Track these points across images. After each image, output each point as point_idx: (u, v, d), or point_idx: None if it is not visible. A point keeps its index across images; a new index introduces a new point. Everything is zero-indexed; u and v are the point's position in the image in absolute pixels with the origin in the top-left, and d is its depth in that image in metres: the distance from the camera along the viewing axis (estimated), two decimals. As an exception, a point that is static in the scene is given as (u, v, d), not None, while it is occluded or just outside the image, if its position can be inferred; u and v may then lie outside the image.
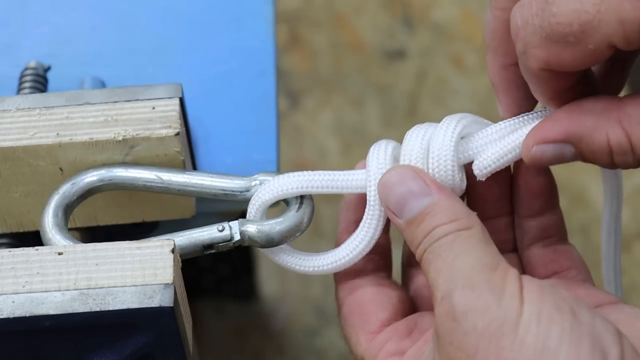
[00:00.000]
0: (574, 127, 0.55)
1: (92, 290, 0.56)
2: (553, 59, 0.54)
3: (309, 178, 0.62)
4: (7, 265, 0.58)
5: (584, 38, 0.52)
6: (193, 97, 0.71)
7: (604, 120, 0.55)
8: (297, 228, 0.62)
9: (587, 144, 0.55)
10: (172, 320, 0.56)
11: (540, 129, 0.57)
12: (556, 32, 0.52)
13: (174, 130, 0.63)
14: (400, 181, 0.59)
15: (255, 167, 0.69)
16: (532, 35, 0.54)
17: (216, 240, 0.61)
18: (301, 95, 1.44)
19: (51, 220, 0.61)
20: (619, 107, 0.55)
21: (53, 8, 0.78)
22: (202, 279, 1.25)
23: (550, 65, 0.54)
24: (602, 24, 0.51)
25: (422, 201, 0.58)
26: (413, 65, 1.46)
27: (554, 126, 0.56)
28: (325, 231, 1.30)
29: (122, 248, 0.58)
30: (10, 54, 0.76)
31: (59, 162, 0.63)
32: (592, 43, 0.52)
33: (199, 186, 0.63)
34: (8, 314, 0.56)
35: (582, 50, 0.52)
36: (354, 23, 1.50)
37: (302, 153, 1.38)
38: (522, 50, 0.55)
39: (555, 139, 0.56)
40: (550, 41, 0.53)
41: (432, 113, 1.40)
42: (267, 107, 0.74)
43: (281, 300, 1.30)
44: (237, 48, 0.76)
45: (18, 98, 0.64)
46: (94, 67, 0.75)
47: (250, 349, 1.27)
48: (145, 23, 0.78)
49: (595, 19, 0.51)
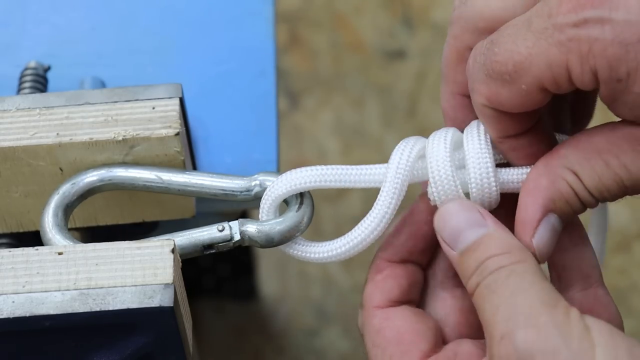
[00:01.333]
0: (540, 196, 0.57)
1: (92, 290, 0.56)
2: (493, 96, 0.56)
3: (322, 172, 0.61)
4: (7, 265, 0.58)
5: (517, 78, 0.54)
6: (193, 97, 0.71)
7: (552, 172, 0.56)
8: (297, 228, 0.62)
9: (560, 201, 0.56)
10: (172, 320, 0.56)
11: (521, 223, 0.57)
12: (495, 69, 0.55)
13: (174, 130, 0.63)
14: (457, 212, 0.58)
15: (255, 167, 0.69)
16: (478, 72, 0.56)
17: (216, 240, 0.61)
18: (301, 95, 1.44)
19: (51, 220, 0.61)
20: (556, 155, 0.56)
21: (53, 8, 0.78)
22: (202, 279, 1.25)
23: (491, 103, 0.56)
24: (533, 65, 0.54)
25: (477, 232, 0.57)
26: (413, 65, 1.46)
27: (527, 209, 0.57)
28: (326, 231, 1.30)
29: (122, 248, 0.58)
30: (10, 54, 0.76)
31: (59, 162, 0.63)
32: (524, 83, 0.54)
33: (199, 186, 0.63)
34: (8, 314, 0.56)
35: (517, 90, 0.55)
36: (354, 23, 1.50)
37: (302, 153, 1.38)
38: (471, 86, 0.57)
39: (538, 217, 0.57)
40: (490, 78, 0.56)
41: (432, 113, 1.40)
42: (267, 107, 0.74)
43: (281, 300, 1.30)
44: (237, 48, 0.76)
45: (18, 98, 0.64)
46: (94, 67, 0.75)
47: (250, 349, 1.27)
48: (145, 23, 0.78)
49: (527, 61, 0.54)
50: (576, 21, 0.52)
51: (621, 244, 1.31)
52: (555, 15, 0.53)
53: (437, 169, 0.59)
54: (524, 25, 0.54)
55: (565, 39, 0.52)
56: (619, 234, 1.32)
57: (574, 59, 0.52)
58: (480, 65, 0.56)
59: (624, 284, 1.27)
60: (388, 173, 0.61)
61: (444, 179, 0.59)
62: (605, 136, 0.56)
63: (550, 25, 0.53)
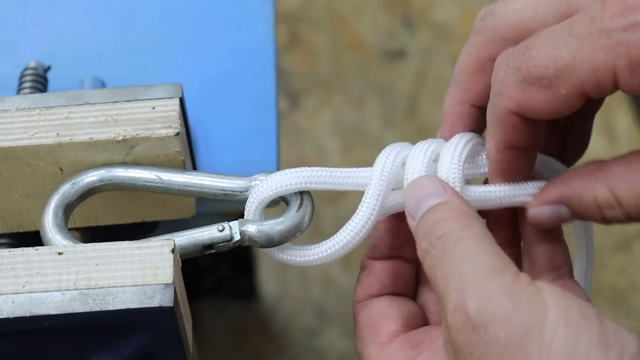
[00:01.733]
0: (565, 190, 0.59)
1: (92, 290, 0.56)
2: (526, 101, 0.56)
3: (307, 174, 0.62)
4: (7, 265, 0.58)
5: (558, 82, 0.55)
6: (193, 97, 0.71)
7: (591, 181, 0.58)
8: (297, 228, 0.62)
9: (578, 203, 0.58)
10: (172, 320, 0.56)
11: (539, 193, 0.60)
12: (532, 74, 0.55)
13: (174, 130, 0.63)
14: (421, 185, 0.60)
15: (255, 167, 0.69)
16: (511, 77, 0.56)
17: (216, 240, 0.61)
18: (301, 95, 1.44)
19: (51, 220, 0.61)
20: (603, 168, 0.58)
21: (53, 8, 0.78)
22: (202, 279, 1.25)
23: (522, 108, 0.57)
24: (576, 70, 0.54)
25: (434, 200, 0.58)
26: (413, 65, 1.46)
27: (549, 190, 0.59)
28: (325, 231, 1.30)
29: (122, 248, 0.58)
30: (10, 54, 0.76)
31: (59, 162, 0.63)
32: (564, 88, 0.54)
33: (199, 186, 0.63)
34: (8, 314, 0.56)
35: (555, 95, 0.55)
36: (354, 23, 1.50)
37: (302, 153, 1.38)
38: (498, 90, 0.57)
39: (550, 200, 0.59)
40: (525, 83, 0.56)
41: (432, 113, 1.40)
42: (267, 107, 0.74)
43: (281, 300, 1.30)
44: (237, 48, 0.76)
45: (18, 98, 0.64)
46: (94, 67, 0.75)
47: (250, 349, 1.27)
48: (145, 23, 0.78)
49: (570, 65, 0.54)
50: (626, 25, 0.52)
51: (621, 244, 1.31)
52: (600, 20, 0.53)
53: (412, 177, 0.61)
54: (564, 30, 0.55)
55: (613, 43, 0.53)
56: (619, 234, 1.32)
57: (623, 63, 0.53)
58: (514, 70, 0.56)
59: (624, 284, 1.27)
60: (372, 176, 0.62)
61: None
62: None
63: (595, 29, 0.53)
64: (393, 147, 0.63)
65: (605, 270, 1.28)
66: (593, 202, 0.57)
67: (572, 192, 0.58)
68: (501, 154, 0.59)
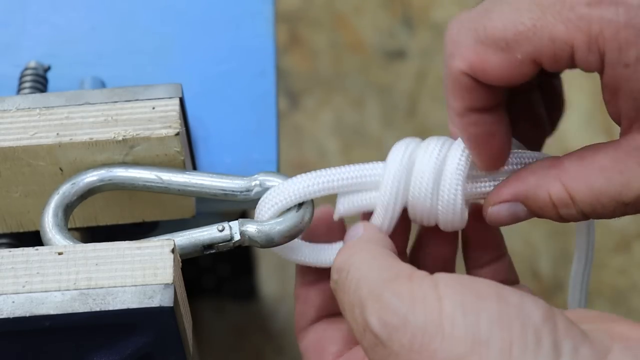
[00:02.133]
0: (520, 187, 0.59)
1: (92, 290, 0.56)
2: (479, 62, 0.56)
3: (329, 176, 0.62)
4: (7, 265, 0.58)
5: (515, 46, 0.54)
6: (193, 97, 0.71)
7: (545, 178, 0.58)
8: (297, 228, 0.62)
9: (533, 201, 0.58)
10: (172, 320, 0.56)
11: (495, 191, 0.60)
12: (490, 35, 0.55)
13: (174, 130, 0.63)
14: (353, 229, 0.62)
15: (255, 167, 0.69)
16: (465, 38, 0.56)
17: (216, 240, 0.61)
18: (301, 95, 1.44)
19: (51, 220, 0.61)
20: (557, 164, 0.58)
21: (53, 8, 0.78)
22: (202, 279, 1.25)
23: (473, 70, 0.56)
24: (536, 37, 0.54)
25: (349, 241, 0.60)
26: (413, 65, 1.46)
27: (506, 187, 0.60)
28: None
29: (122, 248, 0.58)
30: (10, 54, 0.76)
31: (59, 162, 0.63)
32: (521, 53, 0.54)
33: (199, 186, 0.63)
34: (8, 314, 0.56)
35: (509, 59, 0.55)
36: (354, 23, 1.50)
37: (302, 153, 1.38)
38: (451, 51, 0.57)
39: (506, 199, 0.59)
40: (480, 44, 0.56)
41: (432, 113, 1.40)
42: (267, 107, 0.74)
43: (281, 300, 1.30)
44: (237, 48, 0.76)
45: (18, 98, 0.64)
46: (94, 67, 0.75)
47: (250, 349, 1.27)
48: (145, 23, 0.78)
49: (530, 31, 0.54)
50: (589, 1, 0.52)
51: (621, 244, 1.31)
52: None
53: (422, 174, 0.61)
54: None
55: (575, 17, 0.53)
56: (619, 234, 1.32)
57: (582, 38, 0.53)
58: (468, 31, 0.56)
59: (624, 284, 1.27)
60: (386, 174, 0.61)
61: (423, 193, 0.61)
62: (609, 153, 0.56)
63: (559, 1, 0.53)
64: (407, 141, 0.63)
65: (605, 270, 1.28)
66: (548, 201, 0.57)
67: (528, 189, 0.58)
68: (463, 118, 0.59)
